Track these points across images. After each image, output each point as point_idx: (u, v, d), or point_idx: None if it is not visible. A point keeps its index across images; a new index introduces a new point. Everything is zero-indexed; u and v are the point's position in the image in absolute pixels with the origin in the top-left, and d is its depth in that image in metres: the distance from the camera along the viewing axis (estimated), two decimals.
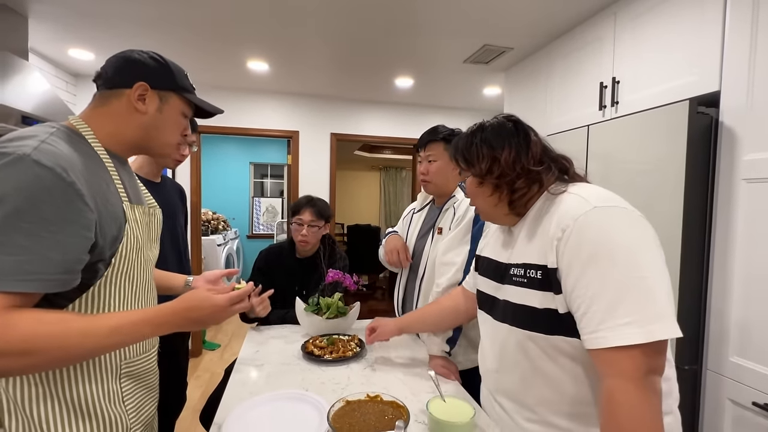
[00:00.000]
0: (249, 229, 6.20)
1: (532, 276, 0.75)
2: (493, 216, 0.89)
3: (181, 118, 0.86)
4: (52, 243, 0.60)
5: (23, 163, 0.59)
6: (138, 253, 0.78)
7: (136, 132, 0.80)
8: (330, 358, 1.25)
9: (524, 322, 0.77)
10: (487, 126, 0.86)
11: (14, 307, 0.59)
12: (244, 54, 2.59)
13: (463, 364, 1.35)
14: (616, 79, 1.73)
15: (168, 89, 0.82)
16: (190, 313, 0.74)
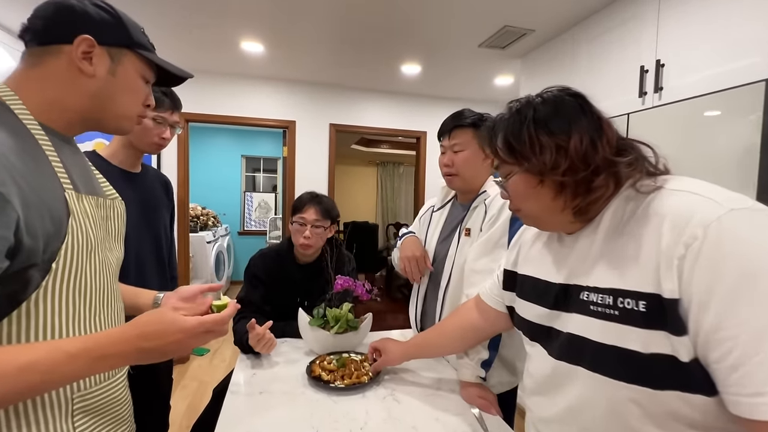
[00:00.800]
0: (240, 226, 5.93)
1: (628, 307, 0.55)
2: (548, 223, 0.69)
3: (141, 83, 0.68)
4: None
5: None
6: (89, 255, 0.61)
7: (82, 101, 0.62)
8: (342, 385, 1.04)
9: (615, 370, 0.56)
10: (537, 103, 0.65)
11: None
12: (238, 33, 2.34)
13: (496, 388, 1.15)
14: (661, 62, 1.54)
15: (121, 45, 0.64)
16: (146, 341, 0.56)
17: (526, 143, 0.62)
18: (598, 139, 0.60)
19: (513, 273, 0.83)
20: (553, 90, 0.66)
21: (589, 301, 0.60)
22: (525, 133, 0.63)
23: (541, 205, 0.65)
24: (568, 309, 0.65)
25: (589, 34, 1.93)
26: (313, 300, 1.45)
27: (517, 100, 0.69)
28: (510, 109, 0.68)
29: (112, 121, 0.67)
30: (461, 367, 1.07)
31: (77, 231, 0.58)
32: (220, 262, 4.84)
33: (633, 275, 0.55)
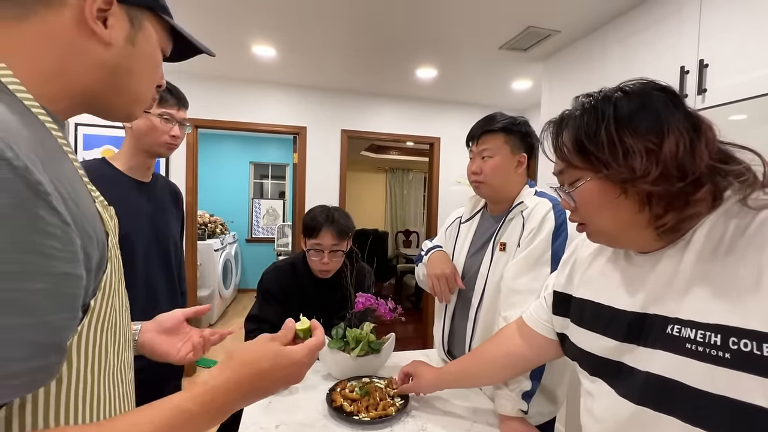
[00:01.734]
0: (248, 233, 5.86)
1: (745, 350, 0.44)
2: (624, 240, 0.59)
3: (157, 52, 0.52)
4: (15, 302, 0.31)
5: None
6: (119, 284, 0.48)
7: (93, 76, 0.44)
8: (367, 419, 0.93)
9: (726, 427, 0.46)
10: (618, 97, 0.55)
11: None
12: (250, 37, 2.28)
13: (535, 419, 1.03)
14: (704, 62, 1.43)
15: (144, 6, 0.48)
16: (261, 380, 0.50)
17: (605, 145, 0.52)
18: (697, 142, 0.50)
19: (566, 296, 0.72)
20: (636, 83, 0.56)
21: (682, 337, 0.50)
22: (603, 133, 0.52)
23: (620, 219, 0.55)
24: (648, 344, 0.55)
25: (622, 33, 1.82)
26: (330, 316, 1.34)
27: (588, 94, 0.58)
28: (582, 104, 0.57)
29: (122, 105, 0.50)
30: (500, 399, 0.96)
31: (113, 253, 0.45)
32: (228, 270, 4.76)
33: (752, 310, 0.44)
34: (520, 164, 1.14)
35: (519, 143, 1.13)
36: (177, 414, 0.41)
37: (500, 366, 0.89)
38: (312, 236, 1.33)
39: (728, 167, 0.51)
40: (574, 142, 0.57)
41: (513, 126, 1.13)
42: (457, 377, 0.97)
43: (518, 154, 1.13)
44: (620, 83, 0.57)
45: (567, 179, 0.60)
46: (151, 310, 0.79)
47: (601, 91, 0.58)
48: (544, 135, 0.63)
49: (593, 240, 0.64)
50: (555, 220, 1.01)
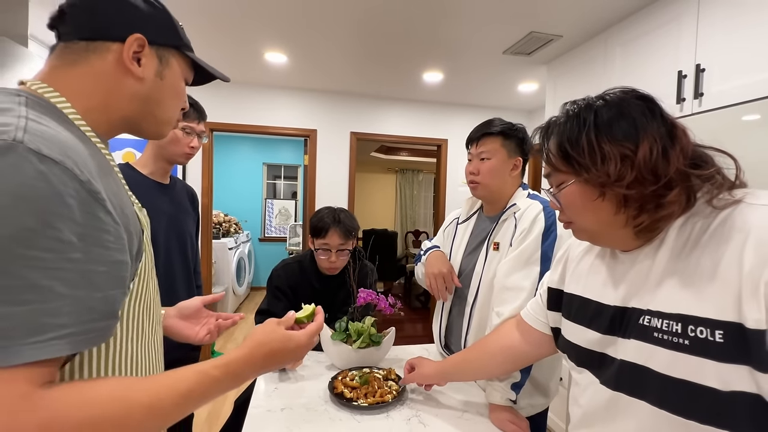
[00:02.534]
0: (261, 232, 6.01)
1: (701, 337, 0.49)
2: (605, 239, 0.63)
3: (181, 83, 0.62)
4: (78, 276, 0.40)
5: (14, 154, 0.37)
6: (152, 272, 0.61)
7: (127, 105, 0.55)
8: (365, 404, 1.00)
9: (686, 408, 0.50)
10: (599, 105, 0.58)
11: (38, 385, 0.38)
12: (262, 44, 2.38)
13: (527, 410, 1.09)
14: (701, 66, 1.46)
15: (169, 45, 0.58)
16: (272, 357, 0.61)
17: (585, 151, 0.56)
18: (670, 147, 0.54)
19: (558, 291, 0.77)
20: (617, 92, 0.59)
21: (651, 326, 0.54)
22: (584, 139, 0.57)
23: (600, 219, 0.59)
24: (625, 334, 0.59)
25: (623, 38, 1.85)
26: (335, 311, 1.42)
27: (573, 102, 0.62)
28: (567, 112, 0.61)
29: (153, 127, 0.61)
30: (490, 389, 1.02)
31: (147, 247, 0.57)
32: (241, 268, 4.90)
33: (707, 300, 0.49)
34: (516, 168, 1.19)
35: (515, 147, 1.18)
36: (203, 377, 0.51)
37: (499, 360, 0.93)
38: (319, 236, 1.41)
39: (699, 171, 0.54)
40: (558, 147, 0.60)
41: (510, 131, 1.18)
42: (456, 370, 1.02)
43: (514, 158, 1.19)
44: (605, 90, 0.61)
45: (554, 182, 0.64)
46: (169, 300, 0.89)
47: (585, 98, 0.61)
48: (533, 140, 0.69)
49: (578, 237, 0.68)
50: (545, 221, 1.07)
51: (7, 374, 0.36)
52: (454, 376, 1.04)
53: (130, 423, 0.43)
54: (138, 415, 0.43)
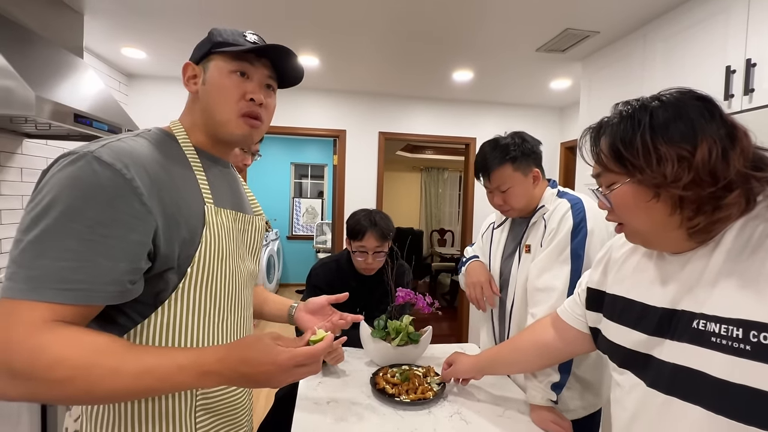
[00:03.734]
0: (289, 230, 6.16)
1: (764, 343, 0.48)
2: (657, 241, 0.63)
3: (229, 80, 0.68)
4: (101, 247, 0.53)
5: (83, 160, 0.54)
6: (221, 263, 0.68)
7: (200, 117, 0.71)
8: (408, 400, 1.04)
9: (746, 414, 0.50)
10: (655, 106, 0.57)
11: (55, 321, 0.51)
12: (296, 48, 2.44)
13: (577, 412, 1.09)
14: (752, 61, 1.40)
15: (206, 54, 0.69)
16: (245, 366, 0.56)
17: (639, 152, 0.56)
18: (730, 149, 0.53)
19: (600, 292, 0.77)
20: (673, 92, 0.59)
21: (707, 331, 0.54)
22: (639, 140, 0.56)
23: (653, 221, 0.59)
24: (675, 337, 0.58)
25: (665, 33, 1.79)
26: (372, 309, 1.46)
27: (627, 102, 0.62)
28: (620, 113, 0.61)
29: (220, 129, 0.69)
30: (530, 390, 1.03)
31: (210, 240, 0.65)
32: (271, 265, 5.05)
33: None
34: (536, 179, 1.17)
35: (526, 163, 1.15)
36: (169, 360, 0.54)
37: (533, 355, 0.95)
38: (357, 239, 1.45)
39: (760, 174, 0.53)
40: (610, 148, 0.60)
41: (515, 152, 1.13)
42: (491, 363, 1.05)
43: (530, 172, 1.16)
44: (660, 91, 0.60)
45: (604, 182, 0.64)
46: None
47: (639, 99, 0.61)
48: (582, 141, 0.68)
49: (630, 240, 0.67)
50: (573, 219, 1.06)
51: (32, 305, 0.50)
52: (488, 370, 1.07)
53: (94, 373, 0.50)
54: (102, 369, 0.51)
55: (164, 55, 2.62)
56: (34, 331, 0.49)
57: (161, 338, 0.62)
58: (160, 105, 3.11)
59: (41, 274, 0.50)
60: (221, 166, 0.76)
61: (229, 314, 0.71)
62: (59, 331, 0.50)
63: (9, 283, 0.51)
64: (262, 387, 0.60)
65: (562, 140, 3.60)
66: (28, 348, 0.48)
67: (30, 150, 2.04)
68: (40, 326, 0.49)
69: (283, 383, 0.59)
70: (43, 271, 0.50)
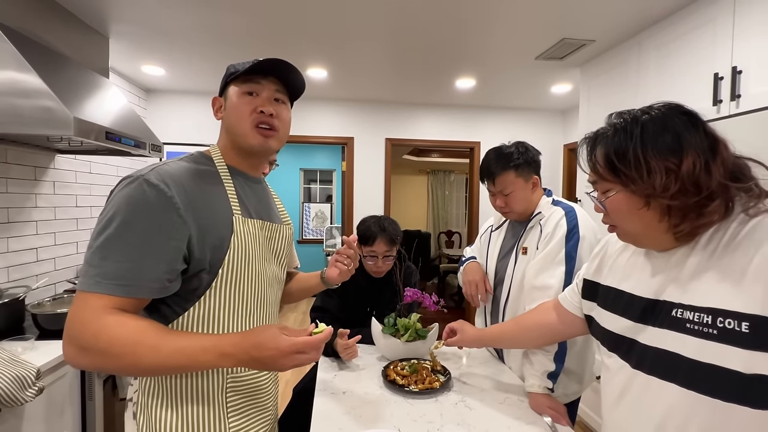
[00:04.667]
0: (299, 235, 6.29)
1: (728, 327, 0.55)
2: (647, 242, 0.69)
3: (241, 100, 0.80)
4: (147, 252, 0.65)
5: (137, 182, 0.67)
6: (248, 266, 0.79)
7: (227, 138, 0.84)
8: (416, 390, 1.14)
9: (714, 388, 0.57)
10: (645, 120, 0.62)
11: (112, 309, 0.64)
12: (305, 62, 2.57)
13: (561, 398, 1.18)
14: (737, 68, 1.48)
15: (225, 86, 0.84)
16: (255, 350, 0.65)
17: (632, 164, 0.60)
18: (712, 161, 0.58)
19: (594, 283, 0.84)
20: (662, 107, 0.64)
21: (683, 318, 0.61)
22: (631, 153, 0.60)
23: (644, 225, 0.65)
24: (657, 324, 0.65)
25: (657, 41, 1.87)
26: (381, 309, 1.57)
27: (620, 114, 0.67)
28: (614, 125, 0.65)
29: (242, 144, 0.82)
30: (529, 378, 1.12)
31: (238, 246, 0.76)
32: None
33: (736, 296, 0.55)
34: (535, 185, 1.28)
35: (528, 170, 1.25)
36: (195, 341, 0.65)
37: (534, 334, 1.05)
38: (367, 244, 1.56)
39: (738, 184, 0.58)
40: (605, 159, 0.64)
41: (518, 160, 1.24)
42: (495, 337, 1.14)
43: (530, 179, 1.26)
44: (651, 104, 0.65)
45: (599, 189, 0.69)
46: None
47: (631, 112, 0.65)
48: (579, 150, 0.72)
49: (622, 239, 0.74)
50: (567, 225, 1.17)
51: (98, 296, 0.63)
52: (491, 343, 1.17)
53: (139, 349, 0.63)
54: (145, 347, 0.63)
55: (181, 71, 2.77)
56: (98, 315, 0.63)
57: (199, 328, 0.74)
58: (177, 117, 3.27)
59: (104, 272, 0.64)
60: (252, 181, 0.88)
61: (256, 309, 0.82)
62: (115, 317, 0.63)
63: (82, 279, 0.65)
64: (269, 369, 0.68)
65: (565, 142, 3.67)
66: (94, 328, 0.62)
67: (61, 164, 2.19)
68: (102, 312, 0.63)
69: (287, 367, 0.67)
70: (105, 269, 0.64)
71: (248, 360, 0.65)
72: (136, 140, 1.94)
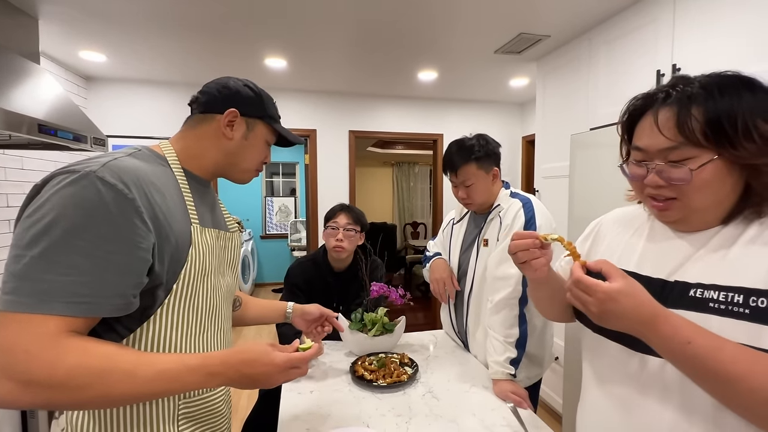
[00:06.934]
0: (262, 230, 6.12)
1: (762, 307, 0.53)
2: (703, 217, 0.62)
3: (264, 146, 0.84)
4: (107, 263, 0.56)
5: (87, 179, 0.57)
6: (203, 280, 0.72)
7: (218, 156, 0.79)
8: (384, 384, 1.14)
9: None
10: (747, 80, 0.57)
11: (66, 332, 0.54)
12: (262, 50, 2.46)
13: (523, 383, 1.24)
14: (677, 66, 1.58)
15: (256, 117, 0.81)
16: (246, 367, 0.64)
17: (739, 128, 0.54)
18: None
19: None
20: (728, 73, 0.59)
21: (705, 298, 0.57)
22: (742, 116, 0.54)
23: (717, 200, 0.59)
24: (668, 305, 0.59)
25: (607, 38, 1.96)
26: (348, 304, 1.56)
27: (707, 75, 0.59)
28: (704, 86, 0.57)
29: (237, 173, 0.83)
30: (492, 365, 1.16)
31: (196, 258, 0.70)
32: (246, 266, 5.02)
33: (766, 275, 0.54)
34: (495, 177, 1.31)
35: (488, 162, 1.28)
36: (180, 363, 0.60)
37: None
38: (329, 219, 1.58)
39: None
40: (708, 121, 0.55)
41: (479, 152, 1.27)
42: None
43: (491, 171, 1.30)
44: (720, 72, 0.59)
45: (674, 156, 0.58)
46: None
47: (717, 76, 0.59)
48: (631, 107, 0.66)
49: (668, 217, 0.64)
50: (525, 216, 1.21)
51: (43, 318, 0.53)
52: None
53: (110, 378, 0.55)
54: (118, 374, 0.55)
55: (124, 57, 2.56)
56: (49, 342, 0.52)
57: (147, 350, 0.65)
58: (123, 107, 3.04)
59: (49, 288, 0.53)
60: (204, 186, 0.81)
61: (210, 327, 0.76)
62: (73, 341, 0.54)
63: (12, 297, 0.52)
64: (260, 387, 0.67)
65: (524, 134, 3.80)
66: (48, 359, 0.52)
67: None
68: (55, 337, 0.53)
69: (279, 382, 0.68)
70: (51, 286, 0.53)
71: (238, 378, 0.63)
72: (75, 133, 1.77)
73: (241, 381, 0.64)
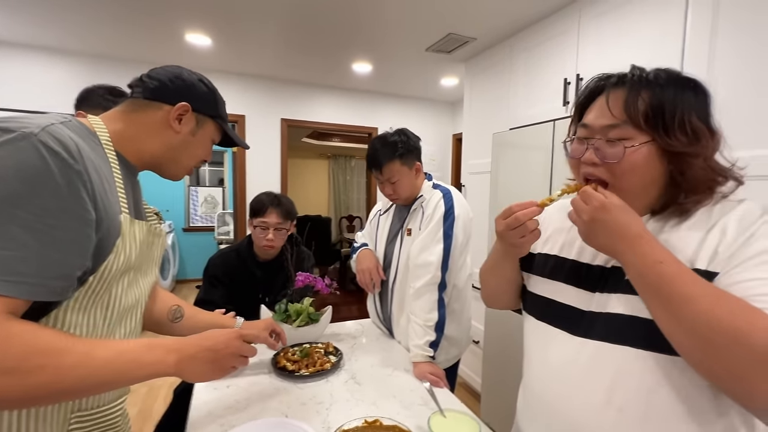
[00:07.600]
0: (185, 222, 5.66)
1: None
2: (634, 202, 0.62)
3: (209, 145, 0.81)
4: (50, 239, 0.50)
5: (27, 142, 0.50)
6: (122, 276, 0.66)
7: (159, 148, 0.73)
8: (307, 373, 1.13)
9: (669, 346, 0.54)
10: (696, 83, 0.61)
11: (6, 313, 0.48)
12: (182, 25, 2.26)
13: (443, 364, 1.31)
14: (580, 75, 1.77)
15: (208, 115, 0.78)
16: (204, 340, 0.69)
17: (675, 119, 0.58)
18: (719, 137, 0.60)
19: (529, 254, 0.77)
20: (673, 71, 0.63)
21: None
22: (679, 108, 0.58)
23: (645, 185, 0.62)
24: (606, 290, 0.63)
25: (525, 45, 2.13)
26: (274, 296, 1.51)
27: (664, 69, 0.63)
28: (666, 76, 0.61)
29: (173, 169, 0.77)
30: (413, 349, 1.21)
31: (121, 252, 0.63)
32: (165, 260, 4.61)
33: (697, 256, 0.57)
34: (418, 171, 1.37)
35: (411, 158, 1.33)
36: (137, 342, 0.60)
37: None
38: (258, 216, 1.48)
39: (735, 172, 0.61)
40: (651, 107, 0.58)
41: (402, 149, 1.30)
42: None
43: (414, 166, 1.34)
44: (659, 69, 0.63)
45: (614, 134, 0.61)
46: None
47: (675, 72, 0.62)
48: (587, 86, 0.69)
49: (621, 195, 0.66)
50: (444, 206, 1.28)
51: None
52: None
53: (66, 360, 0.51)
54: (75, 355, 0.51)
55: (16, 20, 2.18)
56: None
57: None
58: (15, 76, 2.59)
59: None
60: (133, 175, 0.74)
61: (116, 326, 0.68)
62: (16, 323, 0.48)
63: None
64: (219, 360, 0.71)
65: (454, 132, 3.99)
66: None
67: None
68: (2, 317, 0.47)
69: (235, 357, 0.74)
70: None
71: (195, 351, 0.66)
72: None
73: (201, 354, 0.67)
